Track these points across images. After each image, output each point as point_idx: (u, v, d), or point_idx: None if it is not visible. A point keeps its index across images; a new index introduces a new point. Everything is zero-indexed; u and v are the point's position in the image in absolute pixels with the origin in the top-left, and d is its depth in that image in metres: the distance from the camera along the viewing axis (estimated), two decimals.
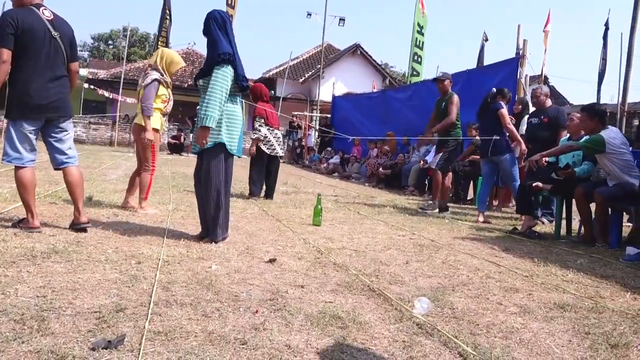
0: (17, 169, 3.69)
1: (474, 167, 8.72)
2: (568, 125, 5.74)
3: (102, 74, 26.40)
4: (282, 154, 7.25)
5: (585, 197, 5.05)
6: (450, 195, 9.14)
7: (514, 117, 7.40)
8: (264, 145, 6.88)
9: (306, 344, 2.07)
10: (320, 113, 23.07)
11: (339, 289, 2.90)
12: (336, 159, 15.25)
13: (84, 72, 25.95)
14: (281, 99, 25.90)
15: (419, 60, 14.73)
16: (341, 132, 17.04)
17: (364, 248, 4.14)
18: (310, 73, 27.63)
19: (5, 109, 3.63)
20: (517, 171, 6.41)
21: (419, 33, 14.63)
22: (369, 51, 27.68)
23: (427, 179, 9.61)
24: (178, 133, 19.80)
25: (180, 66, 5.18)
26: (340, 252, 3.92)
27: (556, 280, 3.43)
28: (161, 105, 5.07)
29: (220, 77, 3.67)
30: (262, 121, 6.89)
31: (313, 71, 27.37)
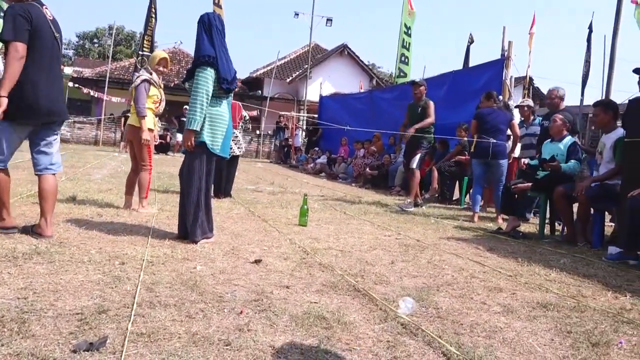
0: None
1: (460, 167, 8.79)
2: (550, 127, 5.66)
3: (87, 72, 26.11)
4: (239, 153, 7.17)
5: (564, 197, 5.10)
6: (437, 195, 9.24)
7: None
8: None
9: (290, 345, 2.07)
10: (307, 113, 23.06)
11: (324, 289, 2.91)
12: (323, 159, 15.26)
13: (68, 70, 25.67)
14: (268, 99, 25.86)
15: (406, 61, 14.77)
16: (327, 132, 17.10)
17: (350, 248, 4.14)
18: (297, 73, 27.61)
19: None
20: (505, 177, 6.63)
21: (406, 34, 14.67)
22: (356, 51, 27.78)
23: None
24: (164, 132, 19.67)
25: (160, 57, 5.22)
26: (326, 252, 3.92)
27: (539, 280, 3.47)
28: (153, 106, 5.15)
29: (202, 80, 3.72)
30: None
31: (300, 71, 27.35)
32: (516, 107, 8.12)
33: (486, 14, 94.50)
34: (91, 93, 21.46)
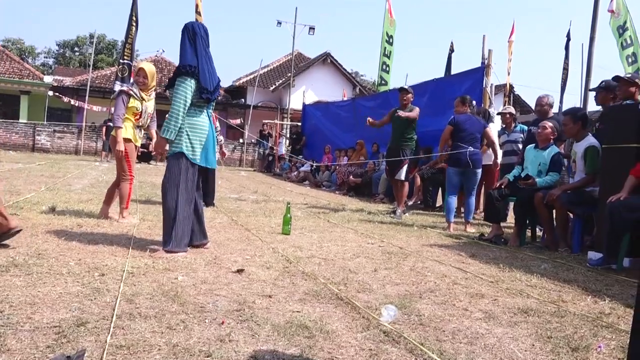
0: None
1: (442, 174, 8.84)
2: (539, 134, 5.54)
3: (67, 81, 25.83)
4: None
5: (544, 202, 5.15)
6: (419, 202, 9.29)
7: None
8: None
9: (272, 355, 2.05)
10: (291, 121, 23.07)
11: (306, 298, 2.90)
12: (307, 167, 15.26)
13: (48, 79, 25.35)
14: (251, 107, 25.82)
15: (387, 69, 14.89)
16: (311, 140, 17.11)
17: (333, 256, 4.14)
18: (280, 81, 27.65)
19: None
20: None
21: (388, 43, 14.79)
22: (339, 60, 27.91)
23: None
24: (147, 142, 19.47)
25: (138, 68, 5.26)
26: (309, 260, 3.91)
27: (520, 286, 3.50)
28: (132, 118, 5.13)
29: (181, 90, 3.73)
30: None
31: (283, 79, 27.39)
32: (498, 114, 8.23)
33: (467, 22, 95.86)
34: (72, 102, 21.22)
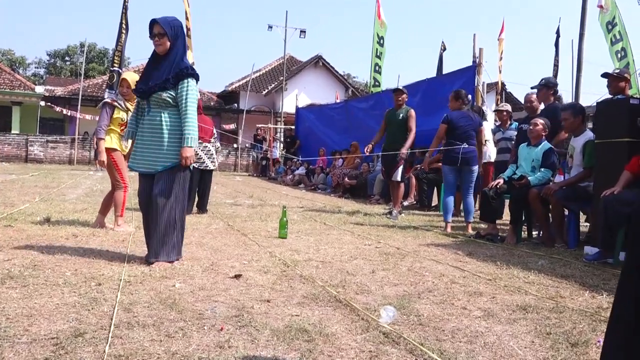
0: None
1: (438, 173, 8.86)
2: (530, 131, 5.53)
3: (59, 91, 25.74)
4: (213, 167, 7.17)
5: (539, 198, 5.17)
6: (415, 202, 9.30)
7: None
8: None
9: None
10: (284, 125, 23.07)
11: (305, 301, 2.89)
12: (302, 170, 15.26)
13: (40, 89, 25.24)
14: (245, 112, 25.82)
15: (379, 70, 14.94)
16: (305, 143, 17.13)
17: (331, 259, 4.14)
18: (273, 85, 27.68)
19: None
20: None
21: (379, 44, 14.83)
22: (331, 62, 27.96)
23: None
24: None
25: (121, 78, 5.24)
26: (306, 264, 3.90)
27: (518, 283, 3.51)
28: (118, 129, 5.12)
29: (192, 93, 3.61)
30: None
31: (276, 83, 27.43)
32: (494, 111, 8.25)
33: (457, 22, 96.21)
34: (64, 112, 21.15)
